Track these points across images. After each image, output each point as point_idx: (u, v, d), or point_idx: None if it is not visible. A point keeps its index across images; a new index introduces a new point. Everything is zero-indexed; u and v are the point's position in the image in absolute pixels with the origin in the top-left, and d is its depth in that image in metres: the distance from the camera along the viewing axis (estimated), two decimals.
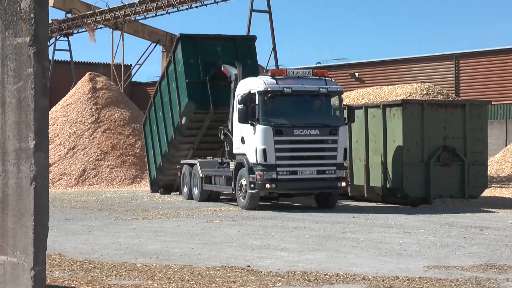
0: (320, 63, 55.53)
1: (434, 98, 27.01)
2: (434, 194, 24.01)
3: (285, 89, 22.65)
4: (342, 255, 13.44)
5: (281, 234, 16.59)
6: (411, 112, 23.97)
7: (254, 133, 22.63)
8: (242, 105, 22.73)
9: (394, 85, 30.58)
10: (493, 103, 33.43)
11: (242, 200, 23.21)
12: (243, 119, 22.80)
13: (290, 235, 16.33)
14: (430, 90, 28.15)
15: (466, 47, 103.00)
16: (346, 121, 23.46)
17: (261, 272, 11.58)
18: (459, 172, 24.41)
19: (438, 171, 24.15)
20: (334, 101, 23.52)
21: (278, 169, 22.38)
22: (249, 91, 22.91)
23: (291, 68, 24.35)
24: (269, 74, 23.41)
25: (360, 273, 11.45)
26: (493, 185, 30.62)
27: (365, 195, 25.29)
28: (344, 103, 24.91)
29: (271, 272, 11.57)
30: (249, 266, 12.08)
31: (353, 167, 25.70)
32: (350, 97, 29.05)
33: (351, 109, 23.90)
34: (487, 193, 27.18)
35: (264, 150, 22.30)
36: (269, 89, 22.56)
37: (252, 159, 22.66)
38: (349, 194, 25.82)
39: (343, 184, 22.79)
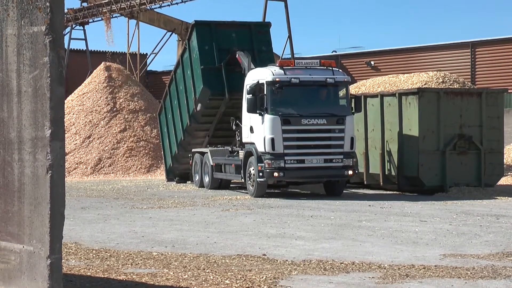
0: (335, 52, 55.42)
1: (450, 87, 26.88)
2: (450, 182, 23.96)
3: (292, 79, 22.86)
4: (358, 243, 13.43)
5: (297, 222, 16.59)
6: (427, 101, 23.91)
7: (262, 123, 22.81)
8: (251, 95, 23.02)
9: (410, 73, 30.43)
10: (509, 91, 33.25)
11: (251, 188, 23.48)
12: (251, 109, 23.03)
13: (305, 224, 16.33)
14: (446, 78, 28.02)
15: (482, 35, 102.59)
16: (353, 111, 23.54)
17: (276, 260, 11.58)
18: (475, 161, 24.35)
19: (454, 160, 24.08)
20: (342, 91, 23.62)
21: (286, 157, 22.63)
22: (258, 81, 23.17)
23: (299, 59, 24.46)
24: (277, 64, 23.54)
25: (376, 262, 11.43)
26: (509, 173, 30.50)
27: (381, 183, 25.26)
28: (360, 92, 24.84)
29: (286, 260, 11.57)
30: (264, 255, 12.09)
31: (368, 155, 25.67)
32: (366, 86, 28.94)
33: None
34: (503, 181, 27.10)
35: (272, 139, 22.48)
36: (277, 79, 22.74)
37: (260, 148, 22.85)
38: (365, 182, 25.83)
39: (350, 172, 23.00)
